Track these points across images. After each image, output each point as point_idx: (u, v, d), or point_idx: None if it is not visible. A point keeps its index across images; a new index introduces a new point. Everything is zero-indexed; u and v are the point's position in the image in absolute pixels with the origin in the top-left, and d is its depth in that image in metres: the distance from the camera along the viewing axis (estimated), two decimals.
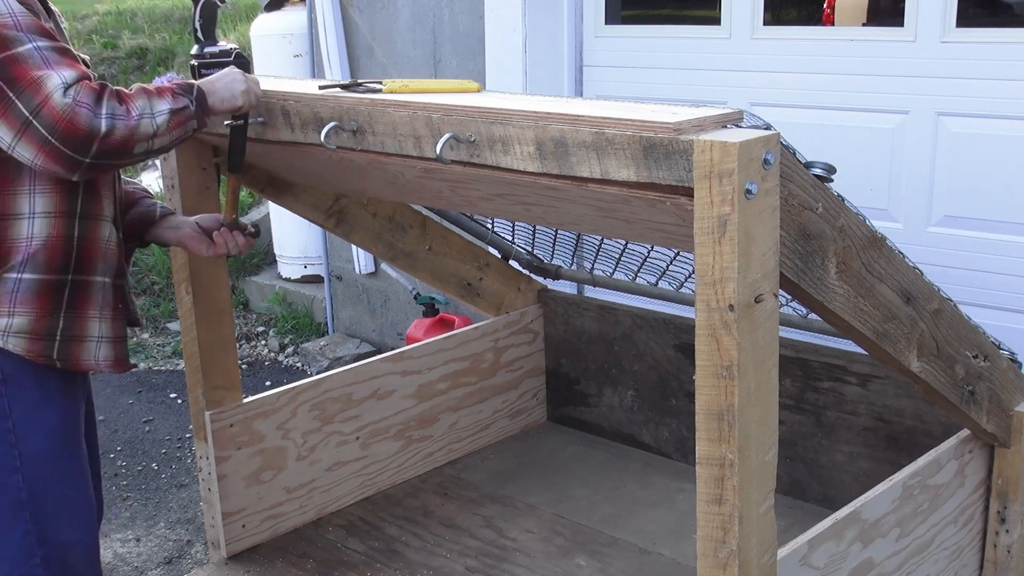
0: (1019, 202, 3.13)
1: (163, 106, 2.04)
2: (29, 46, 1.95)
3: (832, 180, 1.78)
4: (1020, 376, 2.48)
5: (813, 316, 2.91)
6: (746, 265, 1.58)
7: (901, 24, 3.26)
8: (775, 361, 1.70)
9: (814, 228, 1.76)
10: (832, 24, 3.74)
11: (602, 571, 2.83)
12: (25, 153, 1.95)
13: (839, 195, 1.83)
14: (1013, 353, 2.50)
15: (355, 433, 3.18)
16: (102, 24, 8.85)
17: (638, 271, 3.33)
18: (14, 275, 2.09)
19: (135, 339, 5.46)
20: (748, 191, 1.55)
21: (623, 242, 3.17)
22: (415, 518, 3.14)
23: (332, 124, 2.10)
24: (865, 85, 3.36)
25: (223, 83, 2.19)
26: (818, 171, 1.76)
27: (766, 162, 1.57)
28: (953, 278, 3.16)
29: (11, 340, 2.11)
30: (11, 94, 1.92)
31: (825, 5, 3.81)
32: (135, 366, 2.44)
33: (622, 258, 3.29)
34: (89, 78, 1.98)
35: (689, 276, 3.17)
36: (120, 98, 1.99)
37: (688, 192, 1.61)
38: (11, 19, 1.96)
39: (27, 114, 1.91)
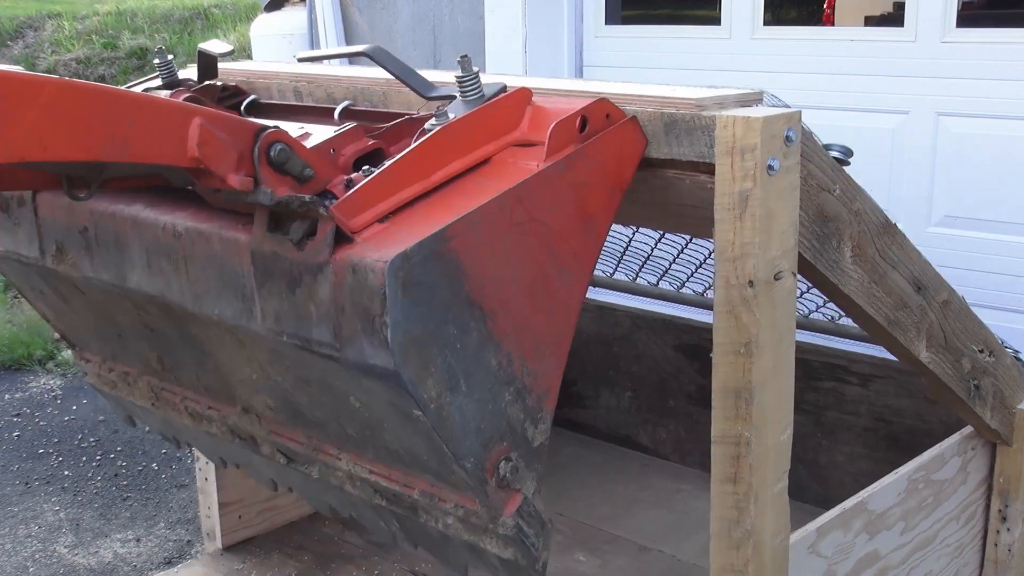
0: (1019, 202, 3.14)
1: None
2: None
3: (849, 163, 1.78)
4: (1023, 374, 2.47)
5: (815, 316, 2.90)
6: (766, 242, 1.57)
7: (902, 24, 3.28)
8: (792, 340, 1.69)
9: (831, 210, 1.75)
10: (832, 24, 3.76)
11: (602, 567, 2.81)
12: None
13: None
14: (1016, 351, 2.50)
15: None
16: (102, 24, 8.82)
17: (638, 271, 3.32)
18: None
19: None
20: (770, 167, 1.54)
21: (623, 242, 3.16)
22: None
23: (346, 103, 2.08)
24: (865, 85, 3.36)
25: None
26: (835, 153, 1.75)
27: (788, 139, 1.57)
28: (953, 278, 3.12)
29: None
30: None
31: (825, 5, 3.82)
32: None
33: (622, 258, 3.28)
34: None
35: (689, 277, 3.16)
36: None
37: (709, 169, 1.60)
38: None
39: None
